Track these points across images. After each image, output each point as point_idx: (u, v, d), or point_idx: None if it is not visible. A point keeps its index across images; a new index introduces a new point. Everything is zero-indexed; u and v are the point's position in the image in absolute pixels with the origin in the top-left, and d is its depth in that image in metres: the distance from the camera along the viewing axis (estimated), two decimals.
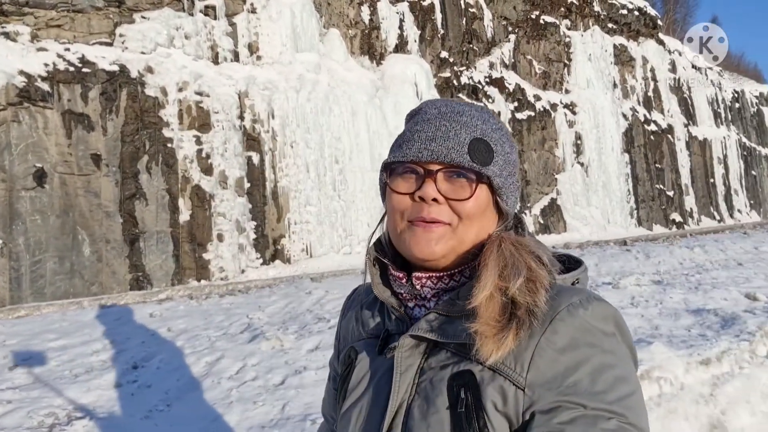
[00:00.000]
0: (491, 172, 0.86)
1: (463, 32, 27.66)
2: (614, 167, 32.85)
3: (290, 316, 5.82)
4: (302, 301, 6.47)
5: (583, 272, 0.92)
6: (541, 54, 31.58)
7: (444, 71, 26.46)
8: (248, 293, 7.52)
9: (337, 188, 20.98)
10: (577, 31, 33.37)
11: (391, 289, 0.95)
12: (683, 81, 41.20)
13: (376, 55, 24.41)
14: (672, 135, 38.13)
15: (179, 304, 6.67)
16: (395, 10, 25.18)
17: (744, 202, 47.66)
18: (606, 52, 34.53)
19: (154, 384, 4.13)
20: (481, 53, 28.63)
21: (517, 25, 30.56)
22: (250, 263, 17.42)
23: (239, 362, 4.37)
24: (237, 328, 5.30)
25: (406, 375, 0.86)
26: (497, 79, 28.35)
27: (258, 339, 4.83)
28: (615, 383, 0.75)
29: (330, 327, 5.23)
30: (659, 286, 7.57)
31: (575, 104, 31.66)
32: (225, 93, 17.05)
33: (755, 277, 8.27)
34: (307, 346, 4.70)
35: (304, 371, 4.19)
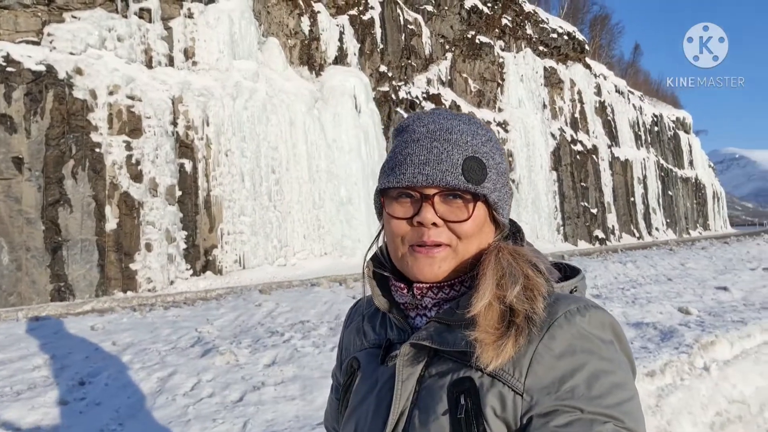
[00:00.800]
0: (486, 189, 0.87)
1: (402, 48, 28.02)
2: (543, 185, 33.99)
3: (241, 329, 5.66)
4: (252, 314, 6.31)
5: (581, 280, 0.93)
6: (476, 73, 32.39)
7: (383, 85, 26.69)
8: (195, 305, 7.26)
9: (272, 198, 20.69)
10: (510, 53, 34.46)
11: (392, 300, 0.96)
12: (608, 104, 43.23)
13: (316, 66, 24.35)
14: (596, 155, 39.88)
15: (122, 317, 6.37)
16: (335, 22, 25.23)
17: (661, 220, 50.38)
18: (537, 74, 35.80)
19: (103, 401, 3.90)
20: (419, 69, 29.07)
21: (454, 43, 31.25)
22: (180, 274, 16.87)
23: (193, 378, 4.19)
24: (186, 341, 5.10)
25: (407, 383, 0.87)
26: (434, 95, 28.84)
27: (211, 353, 4.65)
28: (612, 389, 0.76)
29: (284, 341, 5.12)
30: (599, 300, 7.86)
31: (508, 123, 32.60)
32: (158, 98, 16.53)
33: (685, 292, 8.72)
34: (263, 361, 4.58)
35: (262, 387, 4.07)
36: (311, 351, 4.86)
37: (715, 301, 7.90)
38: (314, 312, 6.38)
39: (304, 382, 4.18)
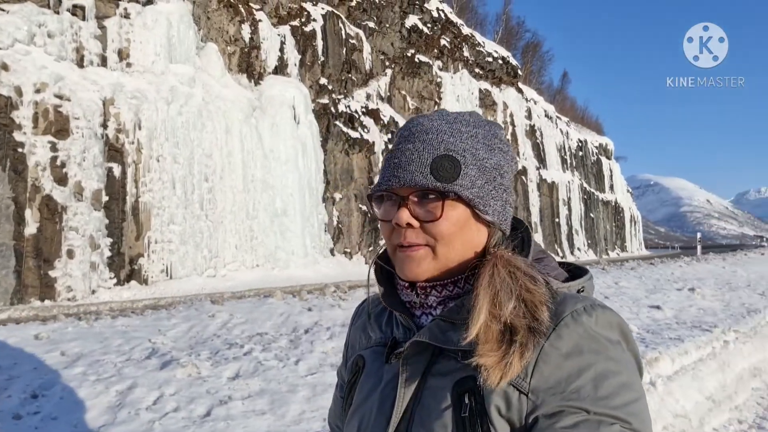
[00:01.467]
0: (458, 186, 0.85)
1: (343, 62, 28.16)
2: None
3: (196, 341, 5.50)
4: (206, 325, 6.14)
5: (589, 280, 0.93)
6: (415, 90, 32.92)
7: (322, 97, 26.70)
8: (144, 315, 6.99)
9: (204, 207, 20.22)
10: (448, 73, 35.24)
11: (398, 298, 0.96)
12: (537, 127, 44.86)
13: (255, 74, 24.10)
14: (526, 176, 41.22)
15: (67, 325, 6.05)
16: (277, 32, 25.08)
17: (583, 241, 52.49)
18: (472, 95, 36.75)
19: (60, 416, 3.68)
20: (359, 84, 29.28)
21: (394, 60, 31.69)
22: (103, 283, 16.17)
23: (155, 391, 4.02)
24: (141, 353, 4.90)
25: (411, 381, 0.87)
26: (373, 110, 29.10)
27: (171, 366, 4.49)
28: (619, 389, 0.76)
29: (245, 354, 5.02)
30: None
31: None
32: (88, 98, 15.90)
33: (622, 310, 9.01)
34: (226, 374, 4.47)
35: (229, 401, 3.96)
36: (275, 364, 4.80)
37: (650, 318, 8.27)
38: (270, 324, 6.32)
39: (272, 397, 4.12)
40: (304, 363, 4.77)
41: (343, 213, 27.31)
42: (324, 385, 4.29)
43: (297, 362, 4.74)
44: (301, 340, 5.49)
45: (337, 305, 7.43)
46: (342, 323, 6.33)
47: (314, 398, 4.03)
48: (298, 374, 4.48)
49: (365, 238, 27.88)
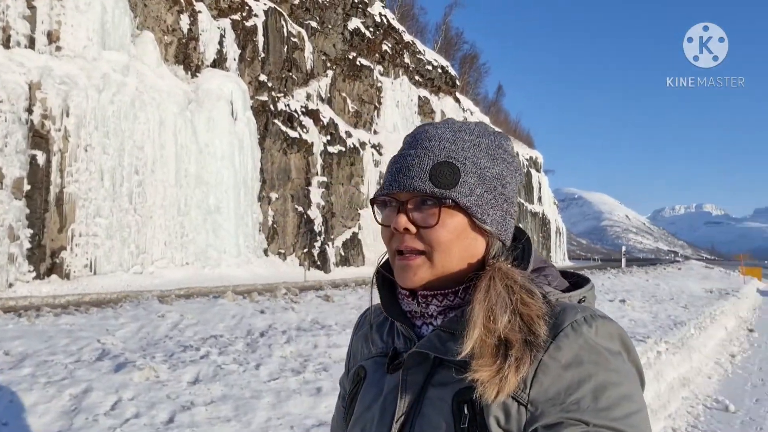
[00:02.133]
0: (456, 193, 0.84)
1: (284, 59, 27.73)
2: None
3: (147, 342, 5.15)
4: (157, 326, 5.77)
5: (590, 290, 0.92)
6: (355, 93, 32.87)
7: (261, 94, 26.17)
8: (89, 313, 6.50)
9: (133, 201, 19.33)
10: (388, 78, 35.42)
11: (400, 308, 0.95)
12: None
13: (192, 66, 23.32)
14: None
15: (7, 323, 5.53)
16: (217, 24, 24.38)
17: None
18: (411, 102, 37.10)
19: (10, 421, 3.31)
20: (300, 83, 28.92)
21: (336, 62, 31.52)
22: (21, 276, 15.16)
23: (112, 395, 3.70)
24: (90, 354, 4.51)
25: (410, 392, 0.87)
26: (313, 110, 28.80)
27: (127, 368, 4.15)
28: (619, 401, 0.75)
29: (202, 357, 4.73)
30: None
31: (382, 146, 33.35)
32: (12, 81, 14.86)
33: None
34: (186, 378, 4.18)
35: (192, 407, 3.68)
36: (236, 369, 4.57)
37: None
38: (223, 326, 6.04)
39: (236, 402, 3.89)
40: (265, 368, 4.56)
41: (278, 213, 26.85)
42: (288, 391, 4.09)
43: (257, 367, 4.53)
44: (258, 344, 5.26)
45: (290, 308, 7.21)
46: (297, 327, 6.14)
47: (279, 405, 3.83)
48: (260, 379, 4.28)
49: (300, 240, 27.50)
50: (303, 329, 6.11)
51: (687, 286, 19.48)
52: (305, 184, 28.13)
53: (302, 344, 5.39)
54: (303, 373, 4.54)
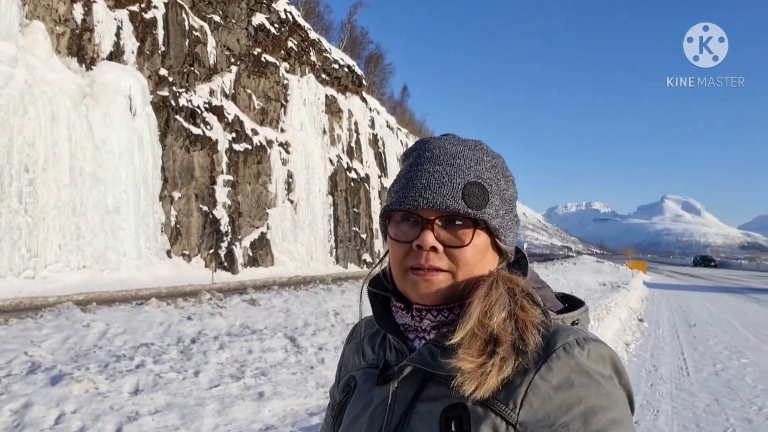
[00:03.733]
0: (487, 215, 0.86)
1: (186, 54, 26.73)
2: (320, 208, 34.94)
3: (77, 353, 4.78)
4: (83, 336, 5.35)
5: (584, 312, 0.92)
6: (261, 90, 32.26)
7: (162, 89, 25.08)
8: (8, 324, 5.91)
9: (24, 201, 17.98)
10: (294, 75, 35.04)
11: (393, 321, 0.95)
12: (380, 137, 46.27)
13: (87, 59, 21.94)
14: (368, 183, 42.30)
15: None
16: (113, 15, 23.09)
17: None
18: (319, 100, 36.93)
19: None
20: (202, 78, 28.00)
21: (240, 58, 30.79)
22: None
23: (54, 409, 3.40)
24: (20, 367, 4.12)
25: (399, 405, 0.86)
26: (217, 107, 27.98)
27: (64, 381, 3.83)
28: (609, 425, 0.75)
29: (137, 366, 4.45)
30: None
31: (290, 144, 32.96)
32: None
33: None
34: (126, 388, 3.92)
35: (138, 417, 3.46)
36: (175, 377, 4.36)
37: None
38: (152, 334, 5.72)
39: (181, 411, 3.72)
40: (204, 375, 4.41)
41: (182, 213, 25.87)
42: (231, 397, 3.99)
43: (196, 374, 4.37)
44: (192, 351, 5.06)
45: (217, 313, 6.99)
46: (227, 332, 5.96)
47: (224, 411, 3.72)
48: (201, 387, 4.13)
49: (205, 240, 26.65)
50: (234, 335, 5.95)
51: (583, 279, 20.76)
52: (210, 182, 27.29)
53: (236, 350, 5.26)
54: (242, 378, 4.43)
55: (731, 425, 5.22)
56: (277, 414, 3.83)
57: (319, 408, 4.02)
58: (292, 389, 4.40)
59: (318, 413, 3.89)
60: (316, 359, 5.43)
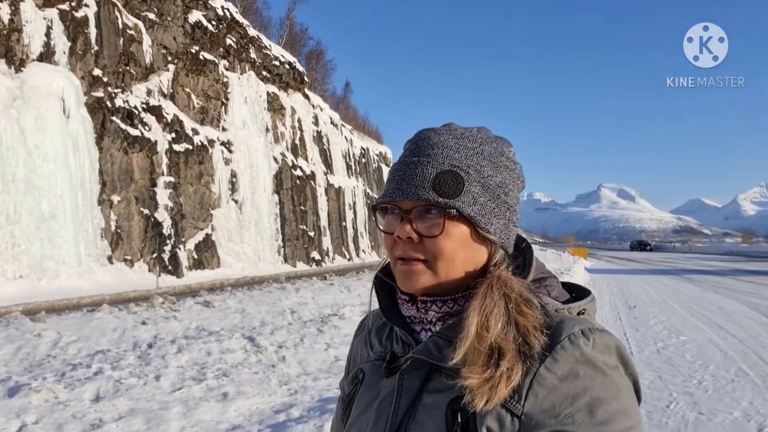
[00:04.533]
0: (460, 202, 0.84)
1: (120, 53, 25.92)
2: (266, 207, 34.55)
3: (30, 363, 4.60)
4: (36, 345, 5.15)
5: (591, 302, 0.90)
6: (200, 89, 31.62)
7: (97, 90, 24.25)
8: None
9: None
10: (234, 73, 34.49)
11: (399, 313, 0.95)
12: (324, 134, 46.08)
13: (16, 60, 20.98)
14: (314, 181, 42.10)
15: None
16: (42, 15, 22.14)
17: (367, 243, 55.43)
18: (260, 98, 36.47)
19: None
20: (139, 78, 27.22)
21: (177, 56, 30.08)
22: None
23: (14, 421, 3.28)
24: None
25: (406, 397, 0.87)
26: (155, 107, 27.27)
27: (22, 391, 3.69)
28: (615, 416, 0.74)
29: (96, 373, 4.33)
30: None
31: (232, 143, 32.45)
32: None
33: None
34: (87, 397, 3.81)
35: (102, 424, 3.39)
36: (135, 382, 4.29)
37: None
38: (107, 341, 5.58)
39: (146, 416, 3.67)
40: (166, 379, 4.37)
41: (122, 217, 25.12)
42: (195, 399, 3.98)
43: (157, 378, 4.33)
44: (150, 355, 4.99)
45: (171, 317, 6.88)
46: (183, 335, 5.89)
47: (189, 413, 3.72)
48: (163, 391, 4.10)
49: (148, 244, 25.98)
50: (191, 337, 5.90)
51: None
52: (150, 185, 26.60)
53: (195, 352, 5.22)
54: (205, 380, 4.42)
55: (674, 399, 5.56)
56: (243, 413, 3.86)
57: (284, 405, 4.07)
58: (255, 388, 4.43)
59: (283, 410, 3.94)
60: (277, 357, 5.46)
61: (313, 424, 3.48)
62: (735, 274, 24.08)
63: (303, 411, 3.88)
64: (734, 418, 4.85)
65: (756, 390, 5.71)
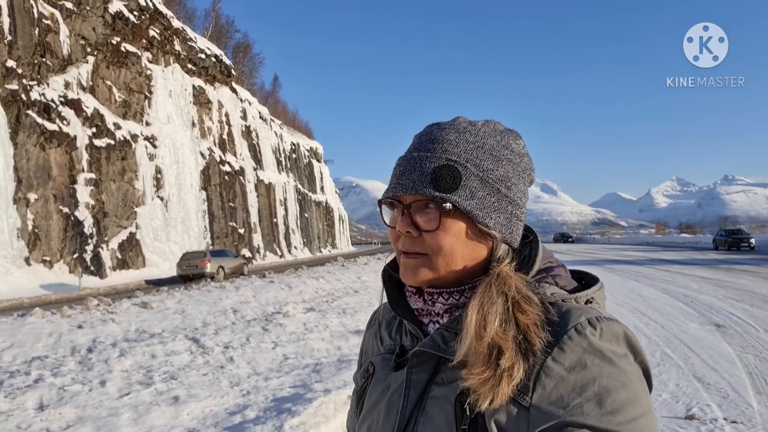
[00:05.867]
0: (457, 197, 0.84)
1: (36, 43, 24.54)
2: (193, 203, 33.64)
3: None
4: None
5: (599, 290, 0.89)
6: (122, 82, 30.39)
7: (11, 82, 22.87)
8: None
9: None
10: (158, 66, 33.36)
11: (408, 306, 0.95)
12: (253, 128, 45.27)
13: None
14: (243, 177, 41.32)
15: None
16: None
17: (299, 240, 54.92)
18: (186, 91, 35.43)
19: None
20: (56, 70, 25.87)
21: (97, 47, 28.77)
22: None
23: None
24: None
25: (415, 389, 0.87)
26: (74, 100, 26.00)
27: None
28: (625, 404, 0.74)
29: (36, 381, 4.07)
30: (314, 312, 8.34)
31: (156, 138, 31.40)
32: None
33: (377, 302, 9.83)
34: (29, 405, 3.58)
35: None
36: (80, 388, 4.08)
37: None
38: (42, 346, 5.27)
39: (95, 423, 3.51)
40: (112, 384, 4.21)
41: (39, 216, 23.82)
42: (145, 404, 3.86)
43: (103, 384, 4.17)
44: (91, 360, 4.79)
45: (109, 320, 6.60)
46: (124, 338, 5.67)
47: (141, 419, 3.61)
48: (111, 396, 3.95)
49: (68, 244, 24.78)
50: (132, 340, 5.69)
51: None
52: (70, 182, 25.36)
53: (139, 356, 5.06)
54: (153, 384, 4.30)
55: None
56: (197, 417, 3.78)
57: (238, 407, 4.02)
58: (206, 390, 4.35)
59: (238, 412, 3.89)
60: (225, 358, 5.37)
61: (272, 425, 3.46)
62: (652, 263, 25.47)
63: (259, 411, 3.85)
64: (663, 400, 5.17)
65: (681, 372, 6.12)
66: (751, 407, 4.92)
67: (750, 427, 4.45)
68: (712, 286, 14.67)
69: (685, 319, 9.66)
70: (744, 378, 5.86)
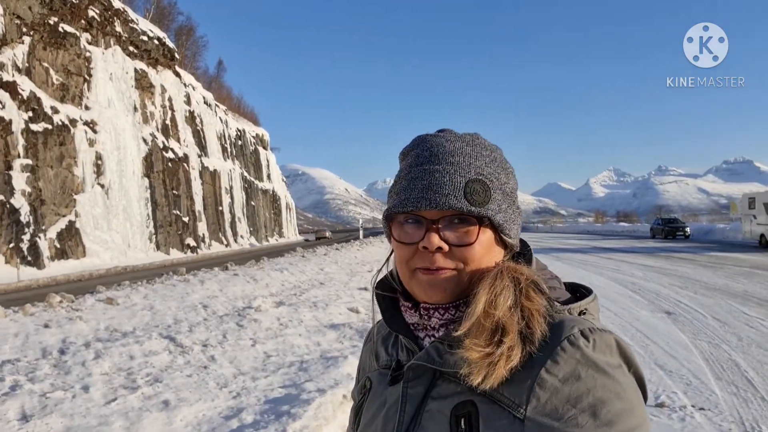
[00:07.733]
0: (491, 211, 0.86)
1: None
2: (135, 191, 32.58)
3: None
4: None
5: (592, 301, 0.91)
6: (60, 64, 29.01)
7: None
8: None
9: None
10: (98, 48, 31.99)
11: (403, 321, 0.96)
12: (197, 114, 44.07)
13: None
14: (188, 164, 40.23)
15: None
16: None
17: (246, 229, 53.98)
18: (127, 75, 34.17)
19: None
20: None
21: (33, 27, 27.33)
22: None
23: None
24: None
25: (411, 404, 0.88)
26: (9, 83, 24.69)
27: None
28: (620, 415, 0.74)
29: (12, 387, 3.89)
30: (286, 307, 8.26)
31: (96, 122, 30.18)
32: None
33: (344, 294, 9.84)
34: (12, 416, 3.45)
35: None
36: (63, 395, 3.90)
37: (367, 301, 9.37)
38: (9, 348, 5.10)
39: None
40: (95, 389, 4.05)
41: None
42: (135, 410, 3.74)
43: (85, 389, 4.00)
44: (67, 363, 4.58)
45: (76, 318, 6.33)
46: (95, 338, 5.44)
47: (133, 427, 3.50)
48: (97, 403, 3.81)
49: (3, 233, 23.65)
50: (105, 339, 5.48)
51: None
52: (5, 168, 24.14)
53: (116, 357, 4.88)
54: (138, 388, 4.17)
55: None
56: (191, 423, 3.69)
57: (232, 410, 3.95)
58: (195, 393, 4.25)
59: (234, 416, 3.82)
60: (206, 357, 5.25)
61: (274, 430, 3.42)
62: (596, 251, 26.40)
63: (255, 415, 3.80)
64: None
65: (642, 360, 6.40)
66: (715, 394, 5.20)
67: (717, 413, 4.69)
68: (656, 273, 15.32)
69: (636, 306, 10.06)
70: (702, 365, 6.18)
